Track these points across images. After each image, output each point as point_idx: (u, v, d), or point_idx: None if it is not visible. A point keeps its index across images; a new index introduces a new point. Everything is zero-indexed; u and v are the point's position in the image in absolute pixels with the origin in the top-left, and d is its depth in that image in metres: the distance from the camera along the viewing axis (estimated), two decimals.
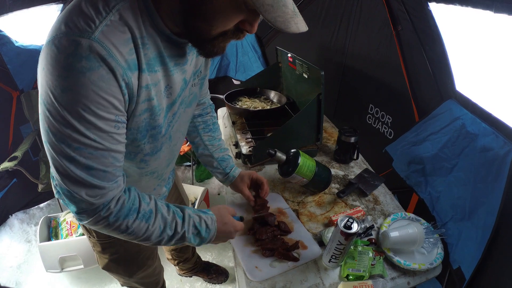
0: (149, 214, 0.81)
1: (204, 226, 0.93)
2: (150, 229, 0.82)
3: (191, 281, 2.18)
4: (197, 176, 3.00)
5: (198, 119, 1.29)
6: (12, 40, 2.22)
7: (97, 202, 0.72)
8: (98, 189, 0.71)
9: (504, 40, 1.26)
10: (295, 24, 0.65)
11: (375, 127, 2.02)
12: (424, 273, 1.12)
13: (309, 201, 1.40)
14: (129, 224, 0.78)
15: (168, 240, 0.86)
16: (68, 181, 0.69)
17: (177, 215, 0.88)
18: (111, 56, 0.62)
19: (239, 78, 3.03)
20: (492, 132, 1.23)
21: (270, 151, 1.29)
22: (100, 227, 0.77)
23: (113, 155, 0.72)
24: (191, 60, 0.88)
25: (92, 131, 0.65)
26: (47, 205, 2.82)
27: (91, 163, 0.68)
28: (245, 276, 1.08)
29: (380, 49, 1.85)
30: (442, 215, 1.45)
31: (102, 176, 0.71)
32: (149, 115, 0.79)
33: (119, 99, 0.67)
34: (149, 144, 0.87)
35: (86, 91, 0.61)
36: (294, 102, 2.00)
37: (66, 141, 0.65)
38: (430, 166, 1.54)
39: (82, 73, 0.60)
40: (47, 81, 0.61)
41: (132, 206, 0.79)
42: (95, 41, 0.60)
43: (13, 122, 2.41)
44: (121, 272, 1.33)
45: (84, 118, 0.63)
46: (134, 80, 0.69)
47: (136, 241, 0.84)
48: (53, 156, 0.67)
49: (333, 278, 1.09)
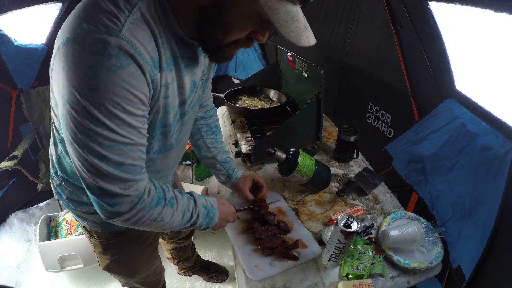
0: (172, 200, 0.85)
1: (210, 205, 0.98)
2: (174, 214, 0.85)
3: (191, 280, 2.18)
4: (197, 175, 3.00)
5: (201, 121, 1.29)
6: (11, 39, 2.21)
7: (132, 193, 0.74)
8: (131, 181, 0.72)
9: (504, 39, 1.26)
10: (306, 38, 0.69)
11: (375, 126, 2.02)
12: (424, 272, 1.12)
13: (308, 200, 1.40)
14: (160, 211, 0.81)
15: (186, 222, 0.90)
16: (101, 179, 0.69)
17: (190, 199, 0.92)
18: (139, 54, 0.63)
19: (239, 77, 3.03)
20: (492, 131, 1.23)
21: (270, 150, 1.29)
22: (133, 220, 0.77)
23: (140, 149, 0.73)
24: (201, 63, 0.89)
25: (123, 128, 0.66)
26: (46, 204, 2.81)
27: (122, 159, 0.69)
28: (245, 275, 1.08)
29: (380, 48, 1.85)
30: (442, 214, 1.45)
31: (132, 170, 0.72)
32: (163, 113, 0.80)
33: (147, 95, 0.69)
34: (159, 142, 0.89)
35: (117, 88, 0.62)
36: (293, 101, 2.00)
37: (96, 139, 0.65)
38: (430, 165, 1.54)
39: (112, 71, 0.60)
40: (70, 81, 0.61)
41: (160, 194, 0.82)
42: (123, 39, 0.60)
43: (13, 121, 2.41)
44: (122, 273, 1.33)
45: (115, 115, 0.64)
46: (158, 77, 0.70)
47: (160, 229, 0.87)
48: (82, 156, 0.67)
49: (333, 277, 1.08)
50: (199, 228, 0.97)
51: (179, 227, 0.90)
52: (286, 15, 0.64)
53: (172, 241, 1.79)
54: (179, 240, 1.79)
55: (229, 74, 3.10)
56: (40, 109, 2.34)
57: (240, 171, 1.34)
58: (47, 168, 2.35)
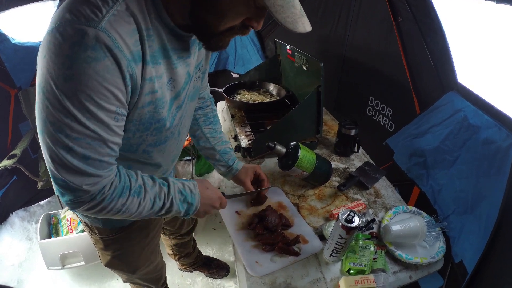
0: (139, 189, 0.82)
1: (188, 191, 0.94)
2: (142, 203, 0.82)
3: (192, 276, 2.18)
4: (197, 170, 2.99)
5: (198, 112, 1.28)
6: (9, 37, 2.20)
7: (93, 189, 0.72)
8: (94, 177, 0.71)
9: (507, 31, 1.24)
10: (302, 24, 0.68)
11: (376, 120, 2.01)
12: (426, 267, 1.11)
13: (309, 194, 1.39)
14: (123, 202, 0.78)
15: (158, 210, 0.87)
16: (64, 171, 0.68)
17: (163, 185, 0.88)
18: (117, 47, 0.61)
19: (238, 71, 3.02)
20: (495, 125, 1.22)
21: (270, 144, 1.27)
22: (95, 211, 0.76)
23: (109, 145, 0.71)
24: (194, 53, 0.88)
25: (92, 122, 0.65)
26: (47, 202, 2.82)
27: (88, 153, 0.68)
28: (245, 271, 1.07)
29: (381, 40, 1.83)
30: (444, 208, 1.44)
31: (98, 165, 0.71)
32: (152, 108, 0.79)
33: (122, 90, 0.67)
34: (153, 136, 0.87)
35: (90, 81, 0.61)
36: (293, 95, 1.99)
37: (64, 130, 0.64)
38: (431, 158, 1.53)
39: (87, 63, 0.59)
40: (49, 69, 0.60)
41: (124, 185, 0.79)
42: (101, 31, 0.59)
43: (12, 120, 2.40)
44: (124, 269, 1.32)
45: (86, 108, 0.63)
46: (138, 72, 0.69)
47: (129, 218, 0.85)
48: (49, 146, 0.66)
49: (335, 272, 1.08)
50: (177, 215, 0.94)
51: (150, 215, 0.88)
52: (282, 0, 0.63)
53: (173, 237, 1.79)
54: (180, 236, 1.79)
55: (228, 68, 3.09)
56: None
57: (241, 163, 1.32)
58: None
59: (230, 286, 2.12)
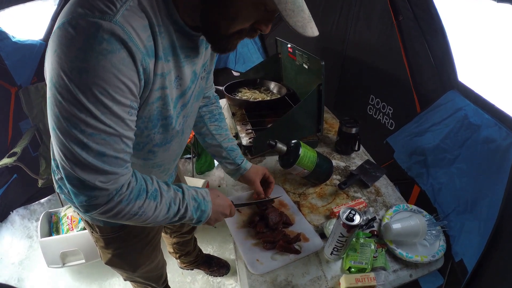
0: (155, 193, 0.81)
1: (201, 198, 0.94)
2: (158, 207, 0.81)
3: (192, 274, 2.19)
4: (198, 168, 2.99)
5: (203, 109, 1.27)
6: (9, 35, 2.19)
7: (111, 187, 0.71)
8: (110, 174, 0.70)
9: (507, 30, 1.24)
10: (310, 28, 0.69)
11: (376, 118, 2.01)
12: (426, 265, 1.12)
13: (310, 192, 1.40)
14: (140, 205, 0.77)
15: (173, 216, 0.86)
16: (79, 169, 0.66)
17: (177, 191, 0.88)
18: (131, 40, 0.61)
19: (239, 69, 3.02)
20: (495, 123, 1.22)
21: (271, 142, 1.27)
22: (111, 214, 0.75)
23: (124, 141, 0.71)
24: (202, 53, 0.88)
25: (108, 116, 0.64)
26: (47, 200, 2.82)
27: (104, 149, 0.67)
28: (246, 269, 1.07)
29: (381, 39, 1.83)
30: (444, 207, 1.44)
31: (114, 162, 0.70)
32: (161, 104, 0.79)
33: (136, 84, 0.67)
34: (160, 135, 0.87)
35: (106, 74, 0.60)
36: (294, 93, 1.99)
37: (79, 126, 0.63)
38: (432, 157, 1.53)
39: (103, 55, 0.59)
40: (60, 63, 0.59)
41: (141, 187, 0.79)
42: (116, 24, 0.59)
43: (12, 118, 2.39)
44: (124, 267, 1.33)
45: (101, 102, 0.62)
46: (151, 66, 0.69)
47: (144, 223, 0.83)
48: (62, 143, 0.65)
49: (335, 270, 1.08)
50: (190, 222, 0.94)
51: (165, 221, 0.87)
52: (293, 5, 0.64)
53: (174, 235, 1.79)
54: (182, 234, 1.79)
55: (229, 67, 3.09)
56: (39, 105, 2.33)
57: (250, 163, 1.31)
58: (48, 164, 2.35)
59: (230, 284, 2.13)
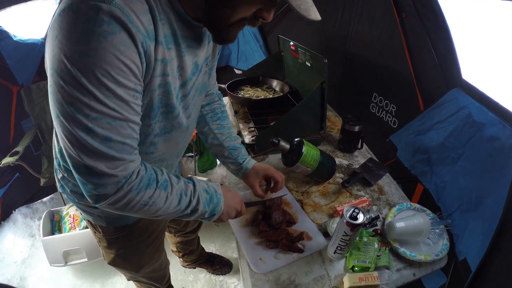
0: (165, 183, 0.80)
1: (213, 190, 0.94)
2: (169, 198, 0.80)
3: (194, 272, 2.19)
4: (200, 166, 2.99)
5: (205, 108, 1.26)
6: (10, 34, 2.19)
7: (120, 174, 0.69)
8: (118, 160, 0.69)
9: (511, 28, 1.23)
10: (313, 12, 0.70)
11: (379, 116, 2.00)
12: (430, 264, 1.11)
13: (313, 191, 1.39)
14: (150, 195, 0.76)
15: (185, 208, 0.85)
16: (86, 155, 0.65)
17: (188, 182, 0.88)
18: (131, 22, 0.60)
19: (241, 67, 3.01)
20: (499, 122, 1.21)
21: (274, 140, 1.26)
22: (121, 204, 0.73)
23: (131, 126, 0.70)
24: (204, 45, 0.87)
25: (112, 99, 0.63)
26: (50, 199, 2.82)
27: (110, 134, 0.65)
28: (249, 268, 1.07)
29: (384, 36, 1.82)
30: (448, 206, 1.43)
31: (121, 148, 0.68)
32: (162, 91, 0.78)
33: (138, 66, 0.66)
34: (159, 123, 0.86)
35: (108, 55, 0.59)
36: (297, 91, 1.98)
37: (83, 110, 0.62)
38: (435, 155, 1.52)
39: (104, 37, 0.58)
40: (62, 48, 0.59)
41: (151, 176, 0.77)
42: (116, 7, 0.58)
43: (14, 117, 2.40)
44: (127, 267, 1.32)
45: (104, 85, 0.61)
46: (152, 50, 0.68)
47: (155, 215, 0.82)
48: (67, 130, 0.64)
49: (338, 269, 1.08)
50: (203, 216, 0.91)
51: (176, 213, 0.85)
52: None
53: (178, 235, 1.79)
54: (186, 233, 1.79)
55: (231, 65, 3.08)
56: (41, 104, 2.33)
57: (253, 162, 1.27)
58: (50, 163, 2.35)
59: (232, 282, 2.13)
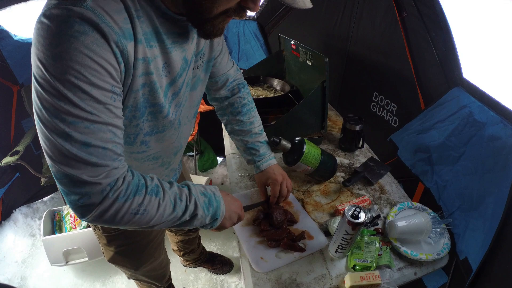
0: (156, 188, 0.75)
1: (211, 193, 0.88)
2: (162, 204, 0.74)
3: (195, 271, 2.19)
4: (200, 166, 3.00)
5: (224, 102, 1.24)
6: (10, 34, 2.19)
7: (103, 181, 0.65)
8: (100, 167, 0.65)
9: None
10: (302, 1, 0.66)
11: (380, 115, 2.00)
12: (431, 263, 1.11)
13: (314, 190, 1.39)
14: (139, 202, 0.71)
15: (182, 214, 0.79)
16: (65, 164, 0.62)
17: (182, 187, 0.83)
18: (103, 22, 0.59)
19: (242, 66, 3.00)
20: (501, 121, 1.20)
21: (275, 139, 1.25)
22: (108, 216, 0.67)
23: (111, 130, 0.66)
24: (192, 39, 0.84)
25: (87, 102, 0.60)
26: (50, 198, 2.83)
27: (88, 139, 0.62)
28: (250, 267, 1.07)
29: (385, 35, 1.82)
30: (449, 205, 1.43)
31: (102, 153, 0.65)
32: (148, 91, 0.76)
33: (115, 67, 0.64)
34: (149, 122, 0.83)
35: (80, 56, 0.57)
36: (297, 90, 1.98)
37: (59, 115, 0.59)
38: (436, 154, 1.52)
39: (75, 37, 0.56)
40: (38, 53, 0.58)
41: (139, 182, 0.73)
42: (87, 9, 0.57)
43: (14, 116, 2.40)
44: (127, 265, 1.32)
45: (78, 87, 0.59)
46: (130, 49, 0.65)
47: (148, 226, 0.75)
48: (46, 137, 0.62)
49: (340, 268, 1.08)
50: (203, 222, 0.85)
51: (173, 221, 0.79)
52: None
53: (179, 234, 1.79)
54: (187, 232, 1.79)
55: None
56: None
57: (267, 164, 1.23)
58: None
59: (233, 282, 2.13)
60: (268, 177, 1.21)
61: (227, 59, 1.16)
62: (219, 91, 1.21)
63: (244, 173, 1.50)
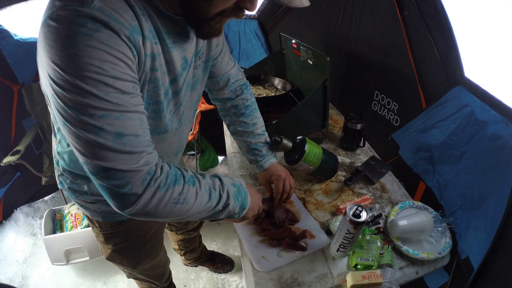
0: (192, 179, 0.78)
1: (238, 184, 0.92)
2: (199, 193, 0.78)
3: (196, 270, 2.19)
4: (201, 165, 2.99)
5: (228, 103, 1.24)
6: (11, 33, 2.19)
7: (143, 168, 0.67)
8: (136, 154, 0.66)
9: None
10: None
11: (381, 114, 1.99)
12: (432, 262, 1.11)
13: (316, 189, 1.39)
14: (180, 191, 0.74)
15: (216, 204, 0.83)
16: (101, 158, 0.63)
17: (214, 178, 0.86)
18: (114, 19, 0.59)
19: (243, 65, 3.00)
20: (502, 120, 1.20)
21: (276, 138, 1.25)
22: (152, 205, 0.70)
23: (140, 117, 0.68)
24: (192, 39, 0.85)
25: (112, 95, 0.61)
26: (51, 198, 2.83)
27: (121, 130, 0.63)
28: (252, 266, 1.07)
29: (386, 34, 1.82)
30: (450, 204, 1.43)
31: (135, 141, 0.66)
32: (152, 87, 0.77)
33: (132, 59, 0.64)
34: (151, 120, 0.84)
35: (97, 52, 0.58)
36: (298, 89, 1.98)
37: (87, 111, 0.60)
38: (438, 153, 1.51)
39: (89, 35, 0.57)
40: (50, 57, 0.58)
41: (177, 173, 0.75)
42: (95, 9, 0.57)
43: (15, 116, 2.40)
44: (124, 263, 1.32)
45: (101, 81, 0.59)
46: (141, 44, 0.66)
47: (187, 215, 0.78)
48: (77, 135, 0.62)
49: (341, 267, 1.08)
50: (233, 212, 0.89)
51: (208, 210, 0.82)
52: None
53: (180, 233, 1.79)
54: (187, 231, 1.79)
55: None
56: (42, 102, 2.33)
57: (270, 162, 1.25)
58: (51, 162, 2.35)
59: (234, 281, 2.13)
60: (272, 174, 1.23)
61: (228, 59, 1.16)
62: (221, 91, 1.22)
63: (245, 172, 1.50)
